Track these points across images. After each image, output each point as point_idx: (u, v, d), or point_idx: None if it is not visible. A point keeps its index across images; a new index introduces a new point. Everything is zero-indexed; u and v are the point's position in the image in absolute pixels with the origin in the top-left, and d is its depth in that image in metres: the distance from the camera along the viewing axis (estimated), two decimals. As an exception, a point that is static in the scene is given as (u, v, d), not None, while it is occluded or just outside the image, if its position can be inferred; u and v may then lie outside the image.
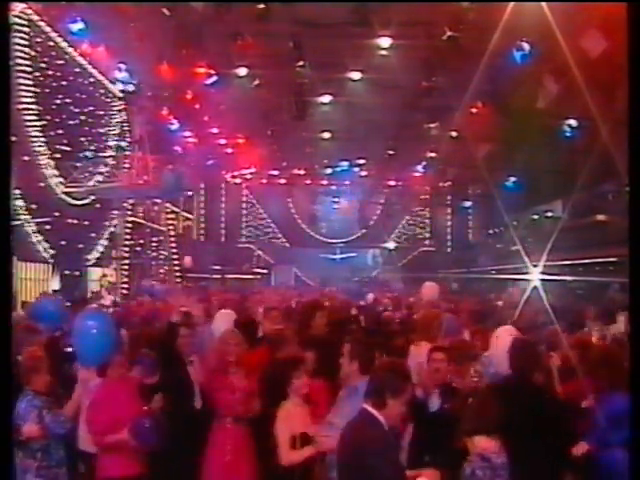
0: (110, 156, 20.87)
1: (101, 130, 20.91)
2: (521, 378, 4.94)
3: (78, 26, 15.15)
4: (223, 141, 25.61)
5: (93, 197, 19.63)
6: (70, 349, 5.88)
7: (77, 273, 19.69)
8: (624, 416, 3.72)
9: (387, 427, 3.56)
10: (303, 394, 4.92)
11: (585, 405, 5.19)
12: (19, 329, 6.41)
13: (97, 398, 4.99)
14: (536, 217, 27.54)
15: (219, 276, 29.96)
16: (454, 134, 22.26)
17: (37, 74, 16.97)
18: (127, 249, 22.51)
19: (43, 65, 17.32)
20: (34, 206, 16.73)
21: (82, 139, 19.64)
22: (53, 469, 4.92)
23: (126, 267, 22.43)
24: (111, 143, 21.32)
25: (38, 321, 7.15)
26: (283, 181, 33.28)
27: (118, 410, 4.84)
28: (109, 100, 21.19)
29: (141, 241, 23.52)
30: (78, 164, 19.21)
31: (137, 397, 5.13)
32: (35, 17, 16.77)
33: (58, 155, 18.08)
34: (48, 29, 17.32)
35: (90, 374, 5.35)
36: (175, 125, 22.33)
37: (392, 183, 33.71)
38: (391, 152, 25.35)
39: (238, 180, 33.71)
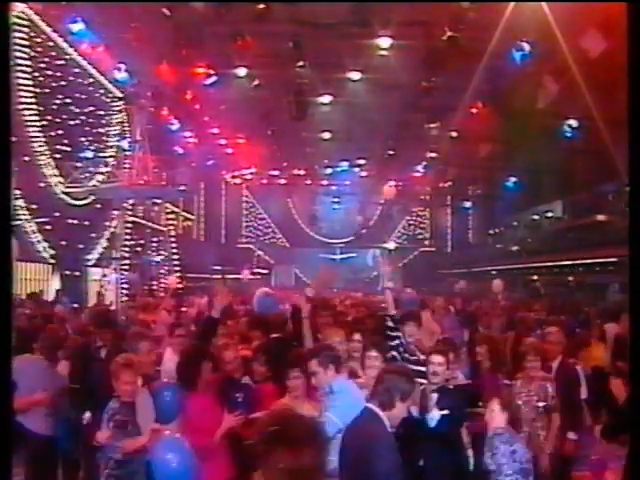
0: (110, 156, 20.86)
1: (101, 130, 20.88)
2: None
3: (78, 26, 15.14)
4: (223, 141, 25.62)
5: (93, 197, 19.62)
6: None
7: (77, 273, 19.67)
8: None
9: (390, 428, 3.66)
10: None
11: None
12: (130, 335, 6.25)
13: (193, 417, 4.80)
14: (536, 217, 27.57)
15: (219, 276, 29.92)
16: (454, 134, 22.26)
17: (37, 74, 16.94)
18: (127, 249, 22.49)
19: (43, 65, 17.29)
20: (34, 206, 16.72)
21: (82, 139, 19.61)
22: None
23: (126, 267, 22.41)
24: (111, 143, 21.29)
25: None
26: (283, 181, 33.26)
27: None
28: (109, 100, 21.16)
29: (141, 241, 23.50)
30: (78, 164, 19.20)
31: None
32: (35, 17, 16.75)
33: (58, 155, 18.07)
34: (48, 29, 17.29)
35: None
36: (175, 125, 22.32)
37: (392, 183, 33.61)
38: (391, 152, 25.35)
39: (238, 180, 33.71)
